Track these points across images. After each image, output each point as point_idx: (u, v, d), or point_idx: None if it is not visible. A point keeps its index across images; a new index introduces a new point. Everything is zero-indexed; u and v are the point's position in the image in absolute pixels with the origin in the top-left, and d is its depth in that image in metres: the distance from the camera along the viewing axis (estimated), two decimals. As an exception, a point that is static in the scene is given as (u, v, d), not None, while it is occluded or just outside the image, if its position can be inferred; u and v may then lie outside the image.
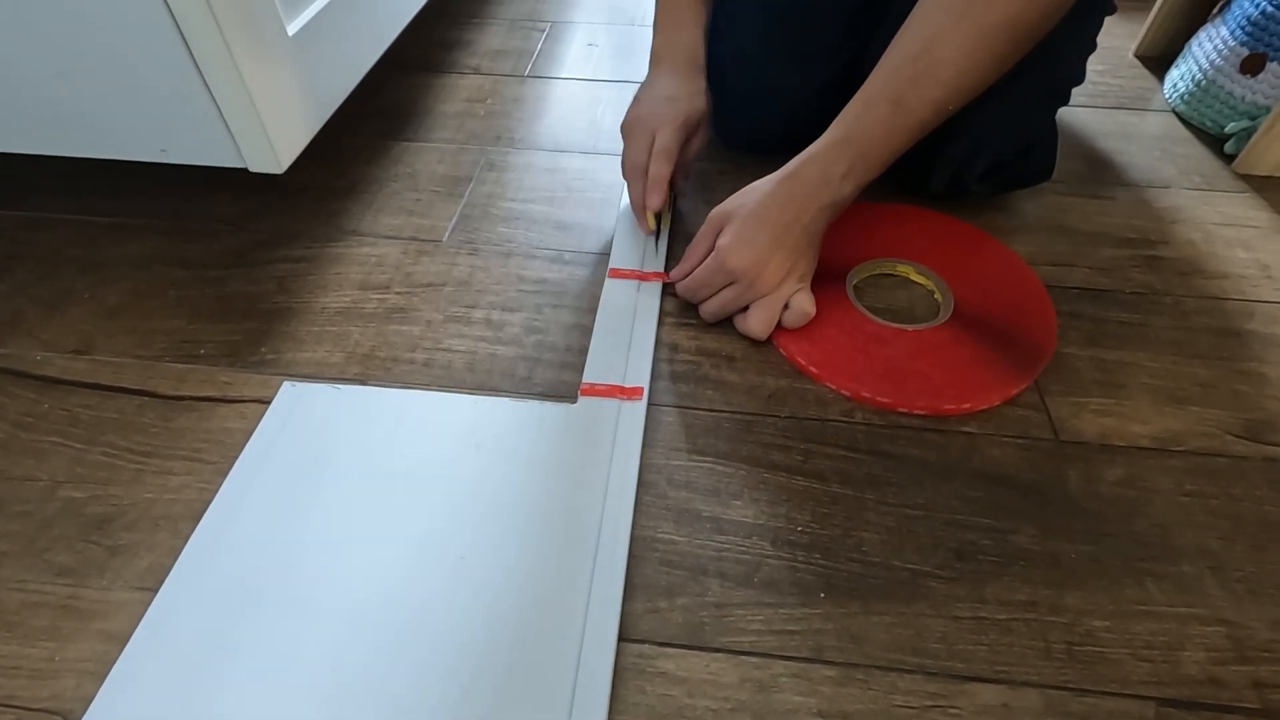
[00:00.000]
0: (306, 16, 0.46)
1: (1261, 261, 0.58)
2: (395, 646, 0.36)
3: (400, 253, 0.59)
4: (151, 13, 0.38)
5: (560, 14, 0.94)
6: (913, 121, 0.47)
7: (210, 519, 0.41)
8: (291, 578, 0.38)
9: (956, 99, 0.46)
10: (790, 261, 0.49)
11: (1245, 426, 0.47)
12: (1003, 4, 0.44)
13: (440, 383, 0.49)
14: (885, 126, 0.47)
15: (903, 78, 0.46)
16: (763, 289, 0.49)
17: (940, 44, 0.45)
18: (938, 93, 0.46)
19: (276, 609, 0.37)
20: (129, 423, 0.47)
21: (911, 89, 0.46)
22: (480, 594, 0.38)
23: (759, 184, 0.50)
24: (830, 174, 0.48)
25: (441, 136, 0.72)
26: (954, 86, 0.46)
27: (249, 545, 0.40)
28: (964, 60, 0.45)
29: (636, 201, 0.57)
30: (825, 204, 0.48)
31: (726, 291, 0.50)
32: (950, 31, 0.45)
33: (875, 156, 0.48)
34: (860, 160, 0.48)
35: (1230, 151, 0.69)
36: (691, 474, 0.44)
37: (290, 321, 0.53)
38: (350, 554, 0.39)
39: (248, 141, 0.43)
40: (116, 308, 0.54)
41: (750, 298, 0.50)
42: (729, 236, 0.49)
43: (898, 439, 0.46)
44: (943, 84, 0.45)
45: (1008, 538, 0.41)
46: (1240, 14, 0.69)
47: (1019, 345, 0.51)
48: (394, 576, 0.38)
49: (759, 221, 0.48)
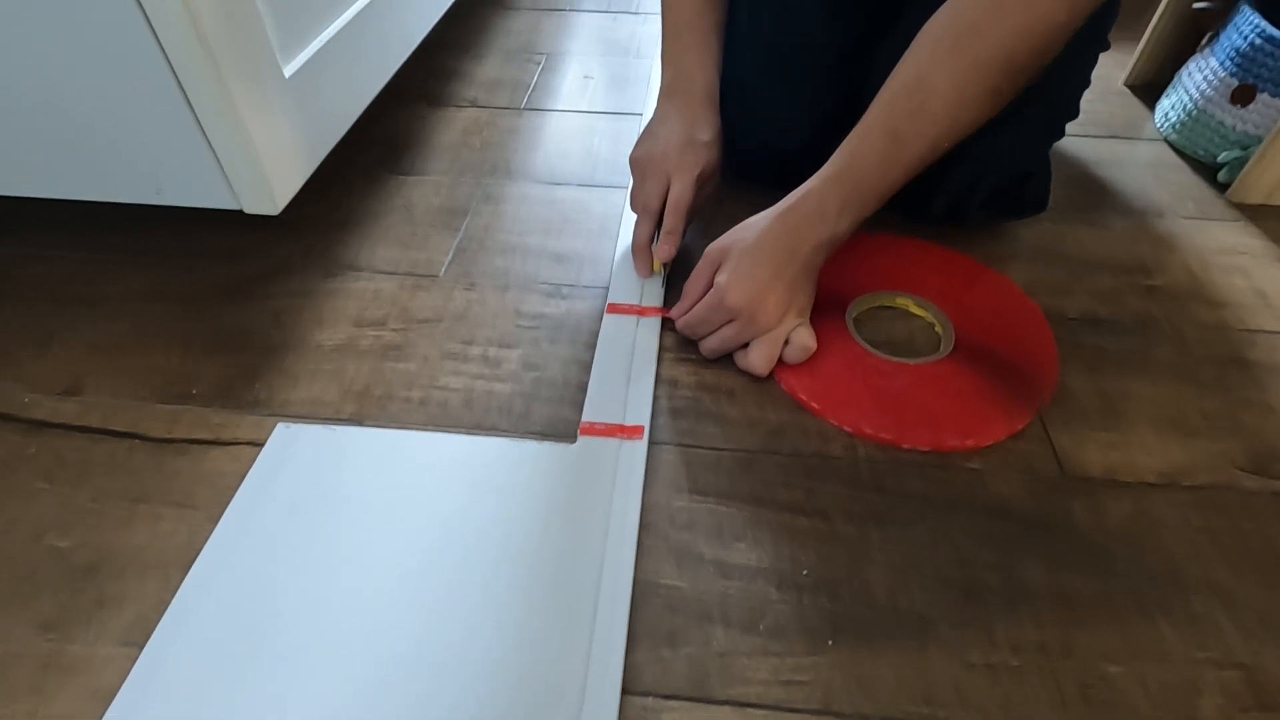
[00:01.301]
0: (303, 58, 0.46)
1: (1259, 289, 0.58)
2: (389, 699, 0.35)
3: (397, 287, 0.59)
4: (147, 58, 0.38)
5: (556, 45, 0.95)
6: (908, 156, 0.47)
7: (200, 568, 0.40)
8: (283, 629, 0.37)
9: (951, 134, 0.46)
10: (789, 297, 0.49)
11: (1251, 459, 0.46)
12: (995, 39, 0.44)
13: (437, 421, 0.48)
14: (881, 161, 0.47)
15: (898, 113, 0.46)
16: (762, 325, 0.49)
17: (933, 79, 0.45)
18: (932, 128, 0.46)
19: (268, 662, 0.36)
20: (118, 466, 0.46)
21: (906, 124, 0.46)
22: (477, 644, 0.37)
23: (756, 219, 0.50)
24: (827, 209, 0.48)
25: (438, 169, 0.72)
26: (948, 121, 0.46)
27: (239, 596, 0.39)
28: (957, 95, 0.45)
29: (641, 241, 0.57)
30: (823, 239, 0.48)
31: (726, 329, 0.49)
32: (944, 67, 0.45)
33: (871, 191, 0.48)
34: (856, 195, 0.48)
35: (1223, 180, 0.69)
36: (693, 514, 0.43)
37: (285, 358, 0.53)
38: (343, 604, 0.38)
39: (243, 183, 0.43)
40: (108, 345, 0.53)
41: (750, 334, 0.49)
42: (727, 273, 0.48)
43: (901, 475, 0.45)
44: (936, 119, 0.46)
45: (1015, 575, 0.40)
46: (1229, 45, 0.70)
47: (1021, 377, 0.50)
48: (389, 627, 0.37)
49: (756, 257, 0.48)
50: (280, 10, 0.43)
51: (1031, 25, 0.43)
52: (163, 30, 0.37)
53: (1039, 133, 0.57)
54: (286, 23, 0.44)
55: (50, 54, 0.39)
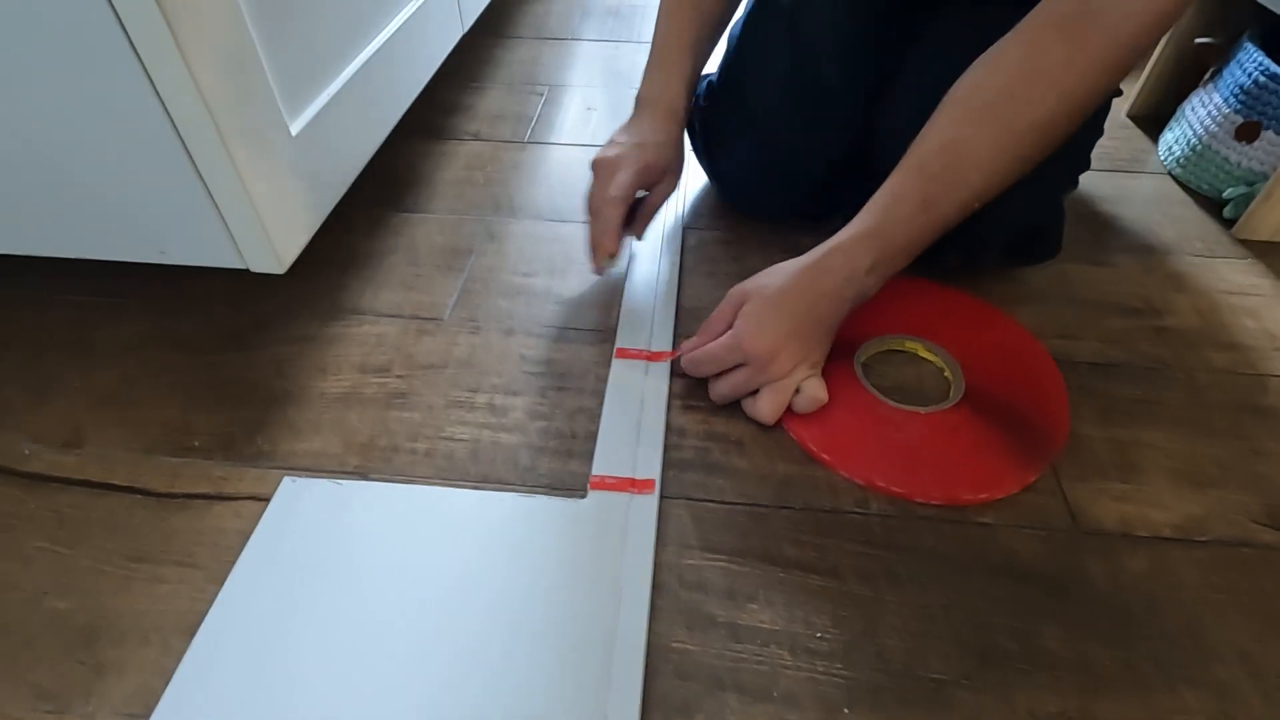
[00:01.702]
0: (310, 114, 0.46)
1: (1270, 331, 0.58)
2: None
3: (400, 332, 0.58)
4: (153, 123, 0.37)
5: (558, 78, 0.95)
6: (938, 219, 0.47)
7: (204, 634, 0.39)
8: (293, 697, 0.36)
9: (983, 197, 0.47)
10: (804, 349, 0.48)
11: (1268, 512, 0.46)
12: (1034, 109, 0.44)
13: (443, 474, 0.48)
14: (912, 223, 0.47)
15: (931, 177, 0.46)
16: (775, 374, 0.48)
17: (970, 145, 0.45)
18: (966, 193, 0.46)
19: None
20: (119, 524, 0.45)
21: (940, 188, 0.46)
22: (490, 712, 0.36)
23: (783, 267, 0.50)
24: (855, 268, 0.48)
25: (441, 206, 0.72)
26: (982, 186, 0.46)
27: (245, 662, 0.38)
28: (992, 164, 0.45)
29: (592, 238, 0.58)
30: (847, 296, 0.48)
31: (738, 373, 0.49)
32: (981, 134, 0.45)
33: (901, 252, 0.48)
34: (885, 255, 0.48)
35: (1229, 216, 0.69)
36: (704, 573, 0.43)
37: (288, 408, 0.52)
38: (352, 671, 0.38)
39: (249, 243, 0.42)
40: (108, 395, 0.53)
41: (761, 381, 0.49)
42: (747, 318, 0.48)
43: (914, 531, 0.45)
44: (971, 184, 0.46)
45: (1033, 639, 0.40)
46: (1233, 81, 0.70)
47: (1033, 427, 0.50)
48: (399, 694, 0.37)
49: (779, 307, 0.48)
50: (286, 70, 0.43)
51: (1071, 91, 0.43)
52: (168, 95, 0.36)
53: (1054, 186, 0.58)
54: (293, 81, 0.44)
55: (53, 116, 0.39)
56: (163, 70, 0.35)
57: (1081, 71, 0.42)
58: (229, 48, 0.38)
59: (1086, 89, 0.43)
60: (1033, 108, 0.43)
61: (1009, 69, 0.44)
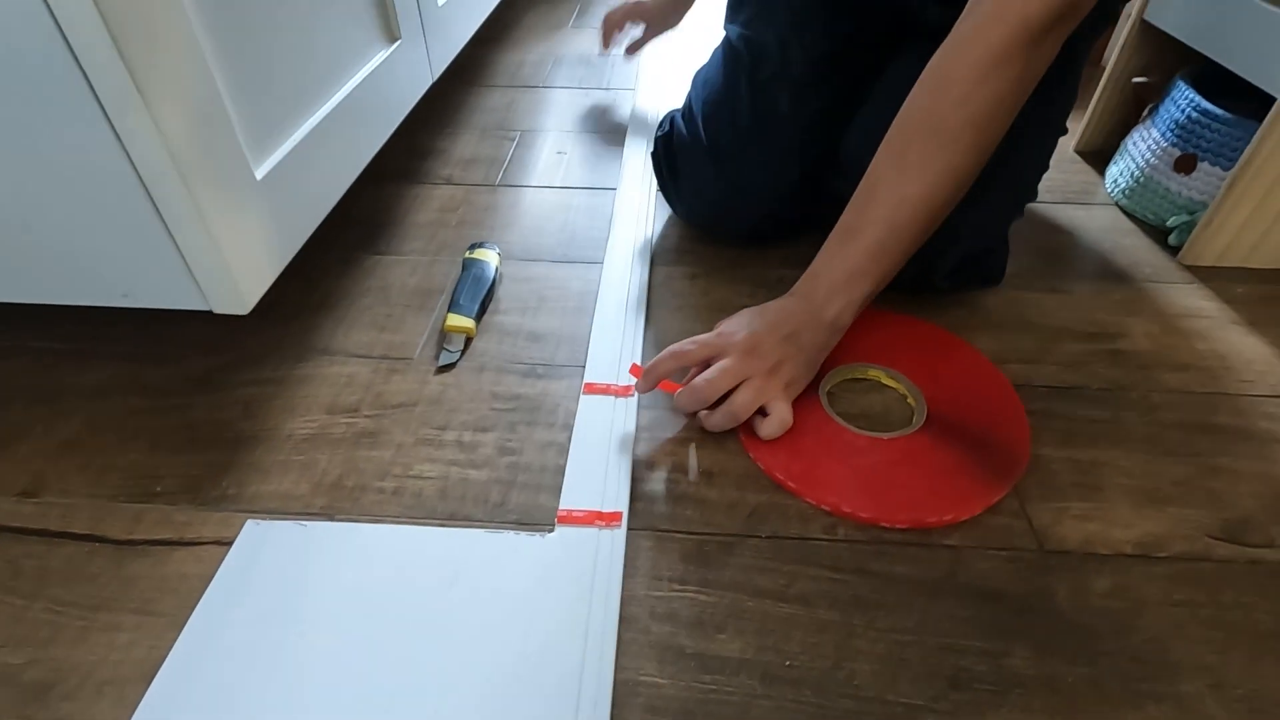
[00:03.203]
0: (276, 158, 0.46)
1: (1218, 352, 0.60)
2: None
3: (371, 371, 0.58)
4: (117, 169, 0.38)
5: (530, 123, 0.97)
6: (901, 255, 0.51)
7: (160, 683, 0.38)
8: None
9: (939, 216, 0.51)
10: (783, 351, 0.50)
11: (1224, 527, 0.47)
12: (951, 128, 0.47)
13: (411, 513, 0.48)
14: (873, 261, 0.51)
15: (881, 222, 0.50)
16: (753, 366, 0.49)
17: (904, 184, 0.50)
18: (921, 231, 0.51)
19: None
20: (76, 572, 0.44)
21: (892, 234, 0.50)
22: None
23: (752, 309, 0.54)
24: (824, 314, 0.52)
25: (414, 248, 0.73)
26: (937, 218, 0.51)
27: (202, 710, 0.37)
28: (947, 196, 0.50)
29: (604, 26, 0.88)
30: (820, 340, 0.52)
31: (721, 364, 0.50)
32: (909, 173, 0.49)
33: (866, 287, 0.52)
34: (850, 300, 0.52)
35: (1174, 244, 0.72)
36: (673, 604, 0.43)
37: (255, 451, 0.51)
38: (313, 714, 0.37)
39: (212, 285, 0.43)
40: (70, 442, 0.52)
41: (740, 371, 0.49)
42: (730, 320, 0.52)
43: (882, 556, 0.45)
44: (925, 226, 0.51)
45: (1002, 661, 0.40)
46: (1168, 117, 0.74)
47: (995, 449, 0.51)
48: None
49: (761, 312, 0.52)
50: (252, 116, 0.44)
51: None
52: (132, 143, 0.37)
53: (1002, 212, 0.60)
54: (258, 127, 0.45)
55: (15, 164, 0.39)
56: (126, 120, 0.36)
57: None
58: (194, 97, 0.39)
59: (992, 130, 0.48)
60: (951, 132, 0.48)
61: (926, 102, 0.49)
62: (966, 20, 0.47)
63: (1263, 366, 0.58)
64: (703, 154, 0.67)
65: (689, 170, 0.69)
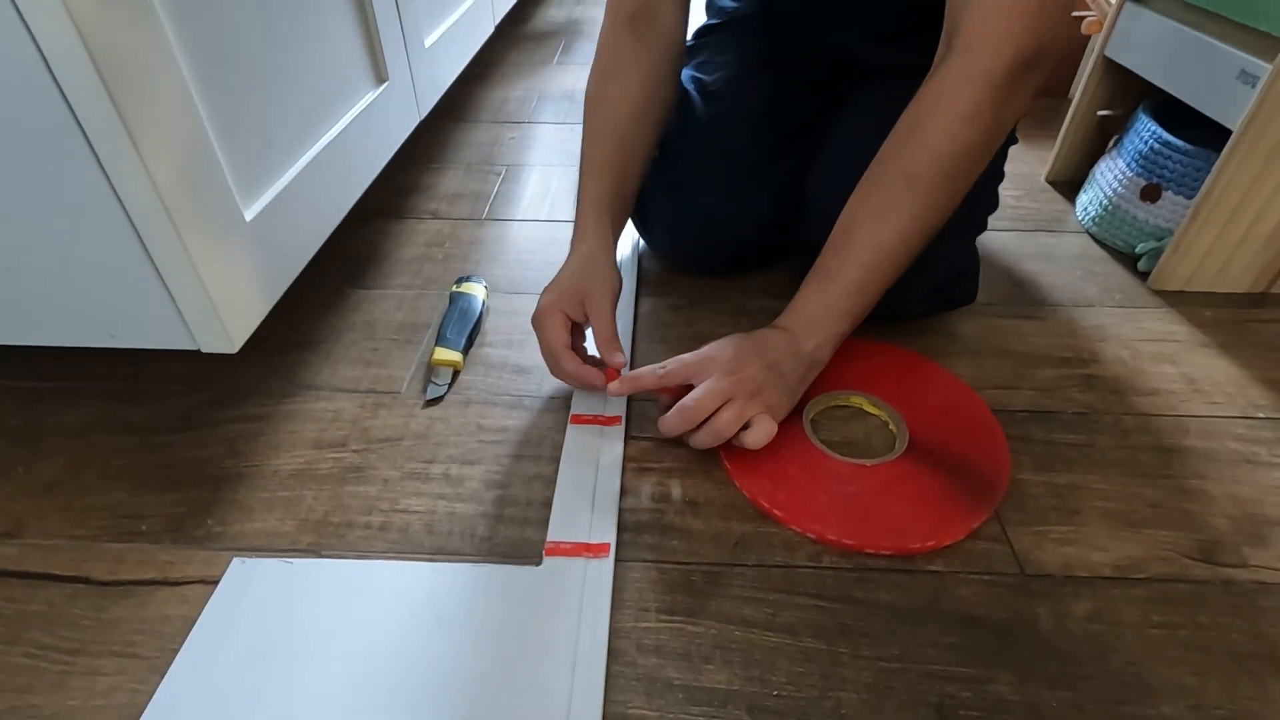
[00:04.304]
0: (265, 200, 0.47)
1: (1188, 375, 0.62)
2: None
3: (357, 406, 0.58)
4: (108, 213, 0.38)
5: (515, 158, 0.99)
6: (877, 294, 0.53)
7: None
8: (230, 795, 0.35)
9: (916, 251, 0.52)
10: (765, 377, 0.50)
11: (1199, 548, 0.48)
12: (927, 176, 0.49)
13: (397, 548, 0.48)
14: (851, 301, 0.53)
15: (861, 265, 0.52)
16: (737, 387, 0.49)
17: (902, 234, 0.51)
18: (897, 271, 0.52)
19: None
20: (57, 615, 0.44)
21: (869, 275, 0.52)
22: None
23: None
24: (803, 347, 0.52)
25: (400, 283, 0.73)
26: (912, 257, 0.52)
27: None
28: (921, 238, 0.51)
29: (579, 379, 0.55)
30: (802, 366, 0.53)
31: (708, 384, 0.50)
32: (912, 220, 0.51)
33: (842, 324, 0.53)
34: (828, 335, 0.53)
35: (1143, 270, 0.74)
36: (661, 636, 0.43)
37: (239, 488, 0.51)
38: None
39: (200, 324, 0.43)
40: (52, 482, 0.52)
41: (725, 391, 0.49)
42: (713, 344, 0.52)
43: (867, 583, 0.46)
44: (900, 266, 0.52)
45: (986, 688, 0.40)
46: (1133, 149, 0.76)
47: (975, 474, 0.52)
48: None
49: (744, 338, 0.53)
50: (242, 159, 0.45)
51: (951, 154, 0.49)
52: (123, 188, 0.38)
53: (964, 230, 0.62)
54: (248, 168, 0.46)
55: (7, 208, 0.40)
56: (119, 165, 0.37)
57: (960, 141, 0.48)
58: (185, 142, 0.40)
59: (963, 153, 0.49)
60: (927, 181, 0.49)
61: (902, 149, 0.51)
62: (935, 80, 0.48)
63: (1231, 389, 0.60)
64: (664, 190, 0.69)
65: (654, 205, 0.71)
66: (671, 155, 0.69)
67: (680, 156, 0.68)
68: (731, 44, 0.72)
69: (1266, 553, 0.47)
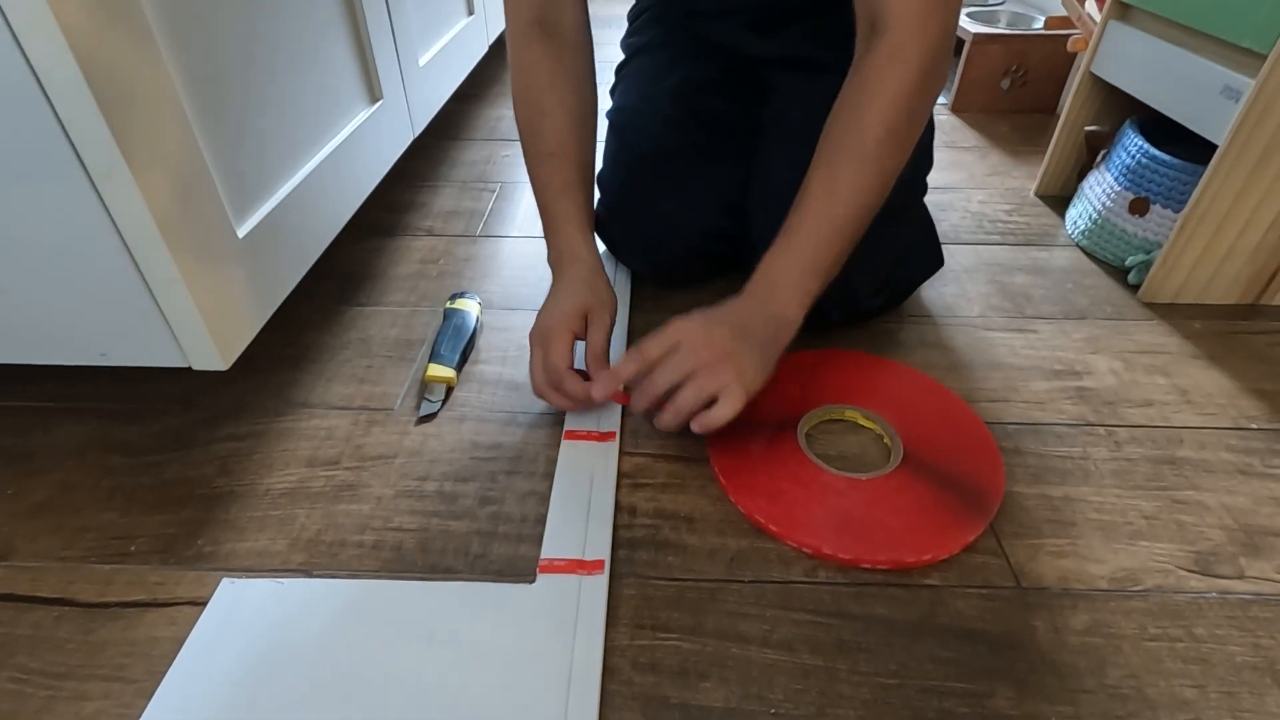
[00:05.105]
0: (258, 217, 0.47)
1: (1179, 386, 0.62)
2: None
3: (350, 424, 0.58)
4: (101, 234, 0.39)
5: (509, 175, 0.99)
6: (840, 250, 0.53)
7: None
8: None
9: (874, 206, 0.53)
10: (734, 343, 0.50)
11: (1195, 560, 0.47)
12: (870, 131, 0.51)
13: (390, 567, 0.47)
14: (813, 255, 0.53)
15: (823, 212, 0.53)
16: (701, 357, 0.49)
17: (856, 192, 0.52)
18: (855, 228, 0.53)
19: None
20: (44, 639, 0.43)
21: (829, 227, 0.52)
22: (432, 824, 0.34)
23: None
24: (769, 306, 0.53)
25: (394, 300, 0.73)
26: (868, 217, 0.53)
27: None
28: (876, 196, 0.52)
29: (576, 400, 0.55)
30: (772, 315, 0.52)
31: (666, 364, 0.49)
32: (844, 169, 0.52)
33: (811, 283, 0.53)
34: (797, 286, 0.53)
35: (1133, 282, 0.75)
36: (657, 654, 0.42)
37: (231, 508, 0.51)
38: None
39: (191, 342, 0.43)
40: (42, 503, 0.51)
41: (685, 363, 0.49)
42: (682, 318, 0.52)
43: (863, 597, 0.45)
44: (858, 222, 0.53)
45: (985, 703, 0.40)
46: (1120, 163, 0.77)
47: (970, 487, 0.52)
48: (335, 810, 0.35)
49: (712, 310, 0.52)
50: (235, 176, 0.45)
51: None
52: (117, 210, 0.38)
53: (903, 200, 0.60)
54: (242, 187, 0.46)
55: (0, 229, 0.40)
56: (111, 185, 0.37)
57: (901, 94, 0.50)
58: (178, 162, 0.40)
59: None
60: (870, 134, 0.51)
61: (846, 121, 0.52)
62: (869, 63, 0.51)
63: (1223, 399, 0.60)
64: (608, 213, 0.71)
65: (607, 228, 0.73)
66: (607, 182, 0.71)
67: (614, 181, 0.71)
68: (645, 67, 0.75)
69: (1263, 563, 0.47)
